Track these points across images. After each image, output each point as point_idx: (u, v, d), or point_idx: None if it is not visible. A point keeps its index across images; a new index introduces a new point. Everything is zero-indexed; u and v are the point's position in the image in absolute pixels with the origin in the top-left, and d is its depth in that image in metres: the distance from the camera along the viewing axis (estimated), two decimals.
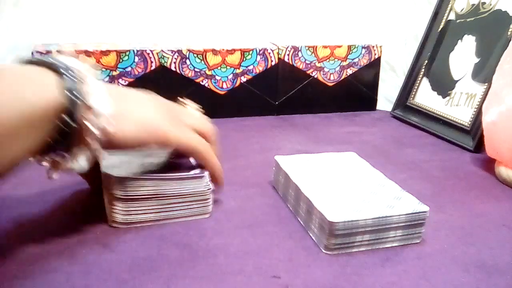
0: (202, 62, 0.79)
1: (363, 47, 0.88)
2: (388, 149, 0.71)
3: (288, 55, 0.83)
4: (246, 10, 0.92)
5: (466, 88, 0.76)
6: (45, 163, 0.38)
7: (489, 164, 0.64)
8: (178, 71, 0.78)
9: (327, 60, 0.86)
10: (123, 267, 0.39)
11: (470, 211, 0.51)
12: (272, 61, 0.83)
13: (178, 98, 0.52)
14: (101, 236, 0.44)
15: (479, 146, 0.70)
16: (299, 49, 0.84)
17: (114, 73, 0.75)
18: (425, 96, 0.84)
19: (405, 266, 0.41)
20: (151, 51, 0.76)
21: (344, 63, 0.87)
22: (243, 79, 0.82)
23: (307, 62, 0.85)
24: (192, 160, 0.49)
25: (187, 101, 0.53)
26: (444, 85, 0.80)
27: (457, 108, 0.76)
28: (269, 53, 0.82)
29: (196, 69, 0.79)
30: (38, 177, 0.54)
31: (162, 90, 0.77)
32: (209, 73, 0.80)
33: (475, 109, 0.73)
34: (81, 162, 0.39)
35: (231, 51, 0.81)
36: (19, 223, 0.45)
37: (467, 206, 0.53)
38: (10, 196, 0.50)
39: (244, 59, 0.81)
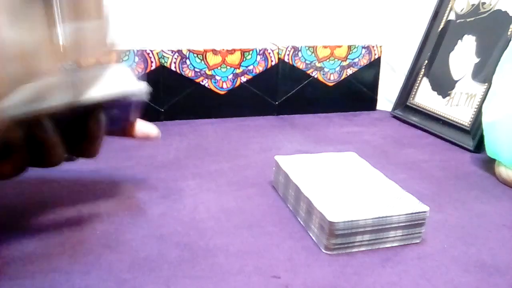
0: (202, 62, 0.79)
1: (363, 47, 0.88)
2: (388, 149, 0.71)
3: (288, 55, 0.83)
4: (246, 10, 0.92)
5: (466, 88, 0.76)
6: None
7: (489, 164, 0.64)
8: (178, 71, 0.78)
9: (327, 60, 0.86)
10: (123, 267, 0.39)
11: (470, 211, 0.51)
12: (272, 61, 0.83)
13: None
14: (101, 236, 0.44)
15: (479, 146, 0.70)
16: (299, 49, 0.84)
17: None
18: (425, 96, 0.84)
19: (405, 266, 0.41)
20: (151, 51, 0.76)
21: (344, 63, 0.87)
22: (243, 79, 0.82)
23: (307, 62, 0.85)
24: None
25: None
26: (444, 85, 0.80)
27: (457, 108, 0.76)
28: (269, 53, 0.82)
29: (196, 69, 0.79)
30: (35, 176, 0.54)
31: (162, 90, 0.79)
32: (209, 73, 0.80)
33: (475, 109, 0.73)
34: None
35: (231, 51, 0.81)
36: (18, 222, 0.45)
37: (467, 206, 0.53)
38: (10, 196, 0.50)
39: (244, 59, 0.81)
